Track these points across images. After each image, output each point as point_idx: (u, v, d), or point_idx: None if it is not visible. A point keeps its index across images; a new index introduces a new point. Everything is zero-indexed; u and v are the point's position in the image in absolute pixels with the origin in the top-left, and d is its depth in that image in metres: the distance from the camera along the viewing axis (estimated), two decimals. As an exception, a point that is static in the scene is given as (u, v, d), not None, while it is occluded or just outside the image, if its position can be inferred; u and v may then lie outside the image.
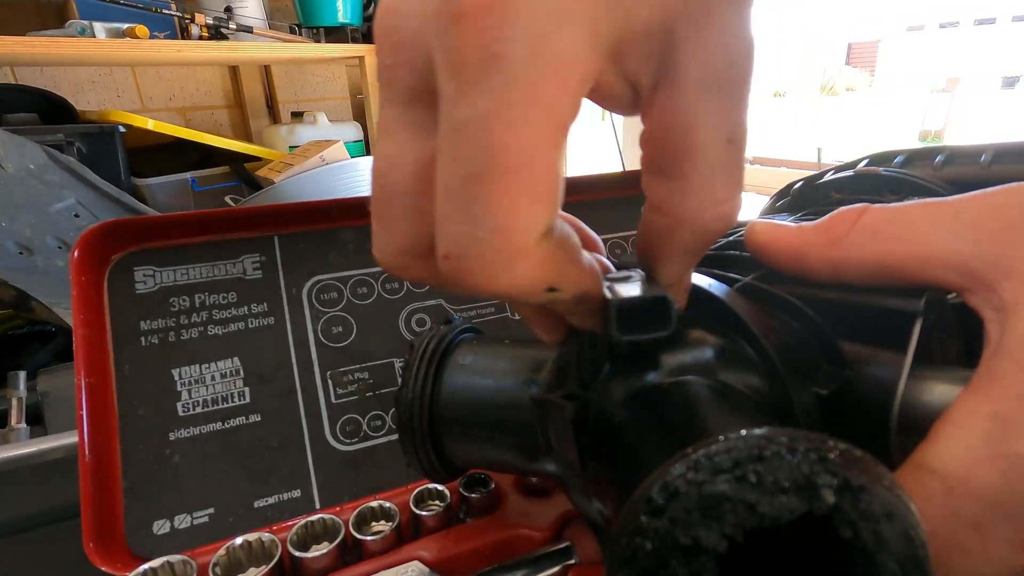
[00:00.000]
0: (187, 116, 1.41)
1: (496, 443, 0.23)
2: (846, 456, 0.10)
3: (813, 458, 0.10)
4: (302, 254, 0.38)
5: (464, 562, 0.26)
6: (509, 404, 0.22)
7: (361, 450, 0.35)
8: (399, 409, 0.24)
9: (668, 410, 0.16)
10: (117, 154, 0.96)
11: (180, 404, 0.33)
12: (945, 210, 0.16)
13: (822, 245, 0.17)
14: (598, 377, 0.18)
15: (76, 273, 0.32)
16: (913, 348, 0.17)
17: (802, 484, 0.10)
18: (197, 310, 0.35)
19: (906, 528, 0.10)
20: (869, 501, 0.10)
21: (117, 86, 1.30)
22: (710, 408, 0.15)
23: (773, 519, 0.10)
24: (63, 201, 0.78)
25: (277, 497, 0.33)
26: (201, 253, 0.36)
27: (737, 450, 0.10)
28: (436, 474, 0.25)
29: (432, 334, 0.25)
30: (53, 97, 1.05)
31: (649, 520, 0.10)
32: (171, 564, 0.26)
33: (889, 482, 0.10)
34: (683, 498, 0.10)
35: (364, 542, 0.27)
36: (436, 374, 0.24)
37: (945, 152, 0.31)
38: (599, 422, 0.17)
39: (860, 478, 0.10)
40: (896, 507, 0.10)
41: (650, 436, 0.15)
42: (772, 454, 0.10)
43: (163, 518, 0.31)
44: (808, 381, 0.17)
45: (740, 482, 0.10)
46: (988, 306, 0.14)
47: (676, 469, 0.10)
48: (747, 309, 0.18)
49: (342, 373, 0.36)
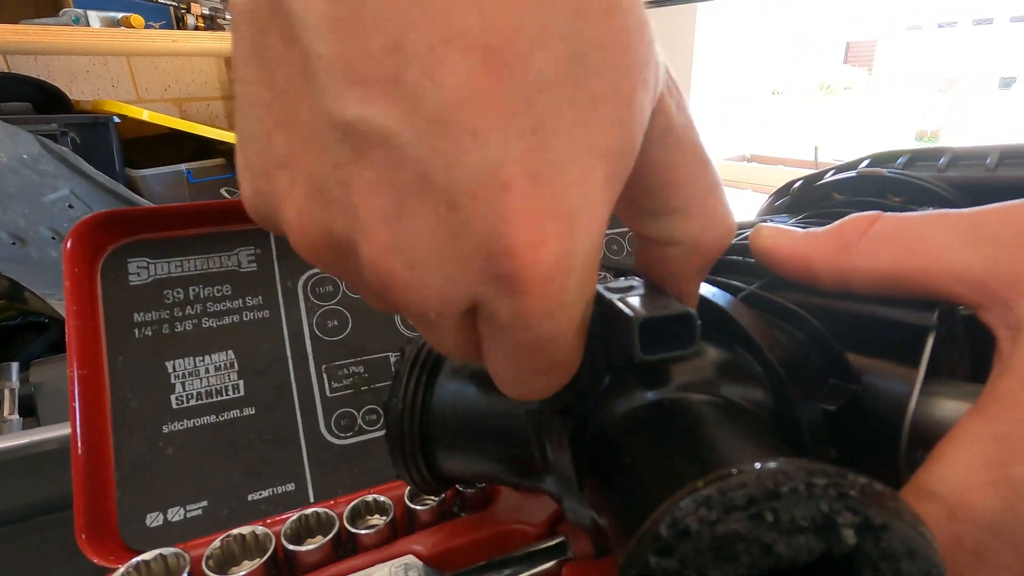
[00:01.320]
0: (183, 107, 1.40)
1: (489, 456, 0.22)
2: (866, 492, 0.10)
3: (832, 495, 0.09)
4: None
5: (458, 556, 0.26)
6: (503, 416, 0.21)
7: (356, 444, 0.35)
8: (388, 419, 0.23)
9: (670, 429, 0.15)
10: (112, 145, 0.96)
11: (174, 397, 0.33)
12: (962, 222, 0.15)
13: (831, 253, 0.17)
14: (597, 390, 0.17)
15: (69, 264, 0.32)
16: (926, 363, 0.16)
17: (821, 523, 0.09)
18: (191, 302, 0.35)
19: (928, 567, 0.10)
20: (891, 540, 0.09)
21: (112, 76, 1.29)
22: (714, 428, 0.15)
23: (790, 560, 0.09)
24: (57, 191, 0.78)
25: (271, 490, 0.33)
26: (196, 245, 0.35)
27: (752, 485, 0.09)
28: (426, 486, 0.24)
29: (423, 341, 0.24)
30: (47, 86, 1.04)
31: (657, 560, 0.09)
32: (164, 557, 0.25)
33: (911, 518, 0.10)
34: (694, 537, 0.09)
35: (358, 536, 0.27)
36: (427, 383, 0.23)
37: (949, 153, 0.30)
38: (597, 437, 0.16)
39: (881, 515, 0.09)
40: (919, 545, 0.10)
41: (651, 456, 0.14)
42: (789, 490, 0.09)
43: (156, 510, 0.31)
44: (814, 396, 0.16)
45: (755, 521, 0.09)
46: (1003, 324, 0.14)
47: (686, 505, 0.10)
48: (751, 320, 0.17)
49: (337, 367, 0.36)
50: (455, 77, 0.10)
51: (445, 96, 0.10)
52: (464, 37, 0.10)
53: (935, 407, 0.16)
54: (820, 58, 2.88)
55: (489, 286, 0.11)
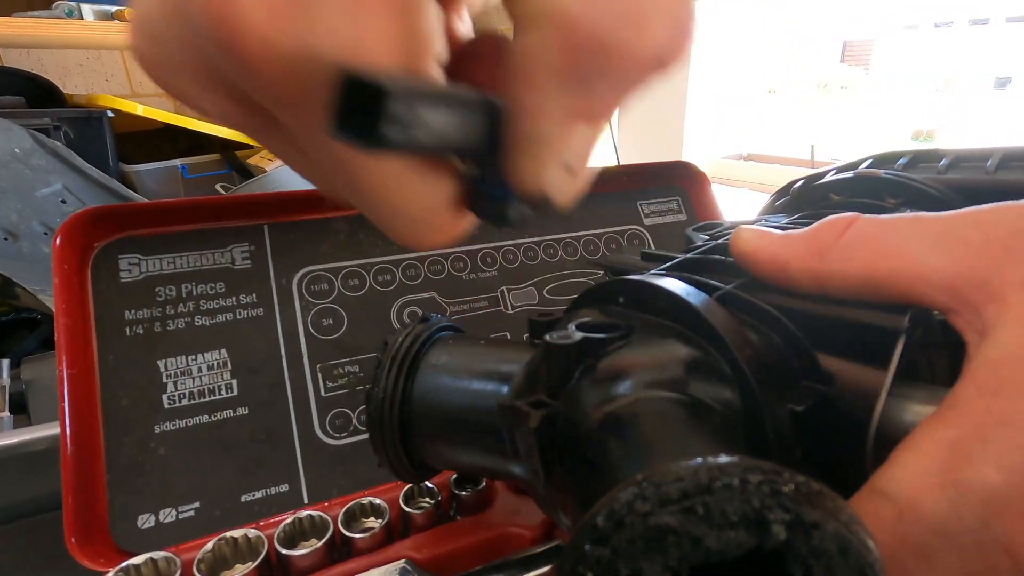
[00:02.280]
0: (177, 102, 1.39)
1: (466, 446, 0.23)
2: (801, 490, 0.10)
3: (765, 491, 0.10)
4: (292, 244, 0.37)
5: (454, 561, 0.26)
6: (479, 408, 0.22)
7: (351, 444, 0.35)
8: (369, 407, 0.24)
9: (632, 426, 0.15)
10: (105, 139, 0.95)
11: (166, 396, 0.32)
12: (935, 226, 0.15)
13: (807, 256, 0.17)
14: (567, 386, 0.17)
15: (58, 260, 0.31)
16: (894, 367, 0.16)
17: (752, 519, 0.09)
18: (184, 300, 0.34)
19: (862, 566, 0.10)
20: (822, 538, 0.10)
21: (105, 70, 1.28)
22: (676, 427, 0.15)
23: (720, 554, 0.09)
24: (49, 186, 0.77)
25: (264, 492, 0.32)
26: (189, 241, 0.35)
27: (687, 480, 0.10)
28: (406, 474, 0.25)
29: (407, 332, 0.25)
30: (40, 80, 1.03)
31: (592, 548, 0.10)
32: (154, 561, 0.25)
33: (847, 517, 0.10)
34: (628, 528, 0.10)
35: (353, 539, 0.26)
36: (408, 373, 0.24)
37: (950, 155, 0.30)
38: (566, 432, 0.17)
39: (814, 514, 0.10)
40: (851, 544, 0.10)
41: (611, 452, 0.15)
42: (723, 486, 0.10)
43: (148, 512, 0.30)
44: (783, 397, 0.16)
45: (687, 514, 0.09)
46: (971, 329, 0.14)
47: (624, 496, 0.10)
48: (723, 320, 0.17)
49: (332, 366, 0.36)
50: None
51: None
52: None
53: (902, 410, 0.17)
54: (817, 57, 2.89)
55: (212, 48, 0.10)
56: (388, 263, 0.39)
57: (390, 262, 0.39)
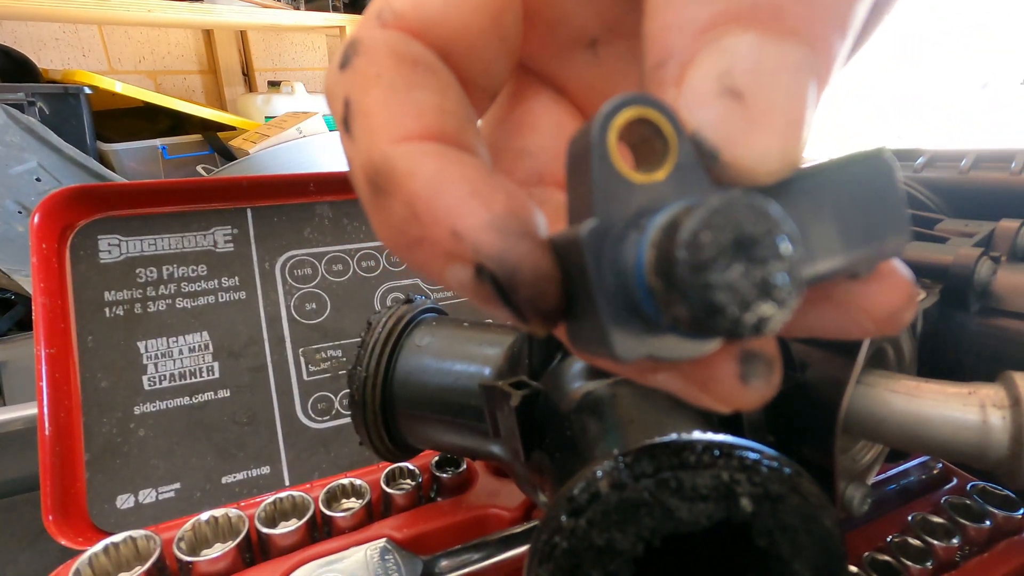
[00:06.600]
0: (158, 80, 1.36)
1: (447, 426, 0.23)
2: (768, 466, 0.10)
3: (735, 466, 0.10)
4: (276, 228, 0.37)
5: (434, 540, 0.27)
6: (460, 388, 0.22)
7: (333, 428, 0.35)
8: (352, 387, 0.24)
9: (610, 406, 0.16)
10: (82, 117, 0.92)
11: (146, 377, 0.32)
12: None
13: None
14: (548, 368, 0.18)
15: (36, 240, 0.31)
16: (863, 355, 0.17)
17: (722, 492, 0.10)
18: (165, 282, 0.34)
19: (824, 539, 0.10)
20: (787, 511, 0.10)
21: (83, 45, 1.25)
22: (653, 410, 0.15)
23: (691, 525, 0.10)
24: (23, 164, 0.75)
25: (246, 473, 0.32)
26: (170, 223, 0.35)
27: (661, 455, 0.10)
28: (388, 453, 0.25)
29: (390, 313, 0.25)
30: (14, 54, 1.00)
31: (568, 520, 0.10)
32: (134, 539, 0.25)
33: (811, 493, 0.10)
34: (603, 500, 0.10)
35: (333, 519, 0.27)
36: (391, 354, 0.24)
37: (927, 154, 0.31)
38: (546, 413, 0.17)
39: (779, 488, 0.10)
40: (816, 518, 0.10)
41: (589, 431, 0.15)
42: (695, 460, 0.10)
43: (127, 492, 0.30)
44: None
45: (660, 487, 0.10)
46: None
47: (599, 470, 0.10)
48: None
49: (315, 350, 0.36)
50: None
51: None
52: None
53: (870, 398, 0.18)
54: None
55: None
56: (372, 249, 0.39)
57: (374, 248, 0.39)
